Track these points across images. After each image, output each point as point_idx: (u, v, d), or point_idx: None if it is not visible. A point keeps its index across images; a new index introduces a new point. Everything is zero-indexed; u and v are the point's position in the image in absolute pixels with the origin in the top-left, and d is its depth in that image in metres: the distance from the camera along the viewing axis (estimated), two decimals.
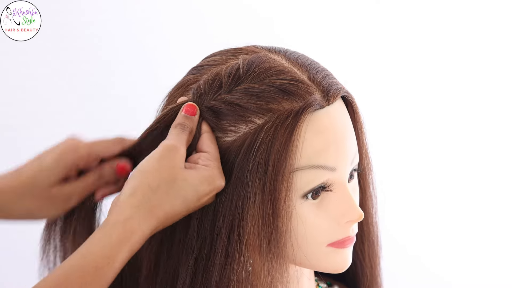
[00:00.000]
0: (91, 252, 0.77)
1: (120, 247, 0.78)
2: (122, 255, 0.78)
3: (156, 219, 0.80)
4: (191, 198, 0.82)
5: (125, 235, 0.78)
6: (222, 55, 0.90)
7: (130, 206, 0.79)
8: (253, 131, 0.83)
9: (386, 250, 1.05)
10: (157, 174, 0.81)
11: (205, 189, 0.82)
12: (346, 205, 0.86)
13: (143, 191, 0.80)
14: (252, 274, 0.85)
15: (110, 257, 0.77)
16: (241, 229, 0.83)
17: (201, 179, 0.82)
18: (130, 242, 0.78)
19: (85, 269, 0.76)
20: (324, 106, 0.85)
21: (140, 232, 0.79)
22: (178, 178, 0.81)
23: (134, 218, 0.79)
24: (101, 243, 0.78)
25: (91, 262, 0.77)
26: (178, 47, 1.51)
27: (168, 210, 0.81)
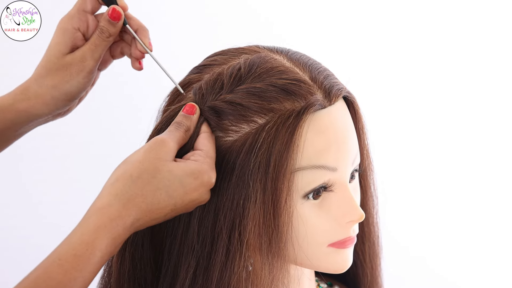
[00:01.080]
0: (70, 241, 0.76)
1: (98, 233, 0.76)
2: (100, 241, 0.76)
3: (137, 209, 0.78)
4: (176, 191, 0.80)
5: (103, 221, 0.77)
6: (224, 55, 0.91)
7: (109, 194, 0.79)
8: (255, 131, 0.83)
9: (386, 251, 1.05)
10: (139, 165, 0.80)
11: (191, 183, 0.81)
12: (347, 205, 0.86)
13: (124, 180, 0.79)
14: (252, 274, 0.85)
15: (89, 243, 0.75)
16: (242, 228, 0.83)
17: (187, 171, 0.81)
18: (108, 229, 0.77)
19: (63, 257, 0.75)
20: (325, 106, 0.85)
21: (120, 220, 0.77)
22: (162, 169, 0.80)
23: (112, 205, 0.78)
24: (80, 230, 0.77)
25: (70, 250, 0.75)
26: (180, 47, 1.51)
27: (150, 201, 0.79)
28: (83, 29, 0.93)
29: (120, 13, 0.91)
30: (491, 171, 1.66)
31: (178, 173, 0.80)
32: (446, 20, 1.62)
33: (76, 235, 0.76)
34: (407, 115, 1.65)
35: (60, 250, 0.76)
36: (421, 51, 1.63)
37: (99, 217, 0.77)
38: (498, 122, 1.65)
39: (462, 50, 1.63)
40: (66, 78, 0.91)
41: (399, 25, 1.62)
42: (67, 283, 0.74)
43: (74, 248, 0.75)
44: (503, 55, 1.63)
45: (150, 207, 0.79)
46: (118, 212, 0.78)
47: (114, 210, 0.78)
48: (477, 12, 1.62)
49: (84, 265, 0.75)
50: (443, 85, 1.64)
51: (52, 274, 0.74)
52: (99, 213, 0.77)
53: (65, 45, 0.92)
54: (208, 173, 0.82)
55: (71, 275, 0.75)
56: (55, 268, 0.74)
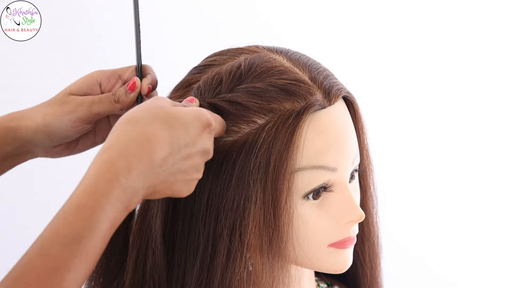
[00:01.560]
0: (73, 194, 0.72)
1: (98, 178, 0.72)
2: (103, 187, 0.71)
3: (140, 147, 0.74)
4: (180, 131, 0.76)
5: (104, 166, 0.72)
6: (223, 55, 0.91)
7: (108, 139, 0.75)
8: (254, 131, 0.83)
9: (386, 251, 1.05)
10: (137, 112, 0.77)
11: (192, 123, 0.78)
12: (347, 205, 0.86)
13: (123, 125, 0.76)
14: (253, 275, 0.85)
15: (90, 191, 0.71)
16: (242, 229, 0.83)
17: (187, 112, 0.78)
18: (111, 172, 0.72)
19: (67, 210, 0.71)
20: (325, 107, 0.85)
21: (123, 161, 0.73)
22: (162, 112, 0.77)
23: (112, 146, 0.74)
24: (82, 180, 0.73)
25: (73, 201, 0.71)
26: (180, 47, 1.51)
27: (151, 138, 0.74)
28: (105, 87, 0.92)
29: (136, 87, 0.90)
30: (491, 171, 1.67)
31: (180, 113, 0.77)
32: (445, 19, 1.62)
33: (78, 186, 0.73)
34: (407, 115, 1.65)
35: (64, 205, 0.72)
36: (421, 51, 1.63)
37: (100, 161, 0.73)
38: (497, 122, 1.65)
39: (462, 49, 1.63)
40: (57, 112, 0.91)
41: (398, 25, 1.62)
42: (74, 235, 0.70)
43: (76, 198, 0.71)
44: (503, 55, 1.63)
45: (154, 148, 0.75)
46: (119, 152, 0.73)
47: (114, 152, 0.74)
48: (477, 12, 1.62)
49: (88, 213, 0.71)
50: (442, 85, 1.64)
51: (58, 230, 0.70)
52: (99, 158, 0.73)
53: (78, 88, 0.92)
54: (206, 113, 0.79)
55: (77, 225, 0.70)
56: (60, 223, 0.70)
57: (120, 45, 1.47)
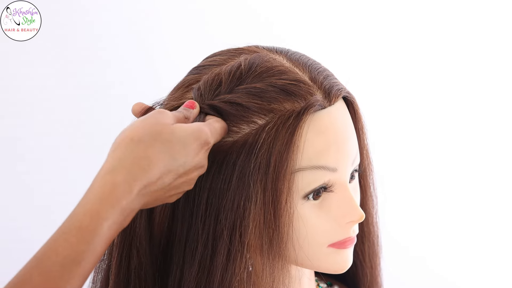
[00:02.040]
0: (74, 213, 0.73)
1: (102, 201, 0.73)
2: (106, 210, 0.72)
3: (143, 172, 0.75)
4: (179, 152, 0.77)
5: (107, 188, 0.74)
6: (223, 55, 0.91)
7: (112, 159, 0.75)
8: (255, 131, 0.83)
9: (386, 250, 1.05)
10: (140, 129, 0.77)
11: (192, 143, 0.78)
12: (347, 205, 0.86)
13: (126, 145, 0.76)
14: (253, 275, 0.85)
15: (93, 213, 0.72)
16: (242, 229, 0.83)
17: (188, 131, 0.79)
18: (114, 196, 0.73)
19: (68, 230, 0.72)
20: (325, 107, 0.85)
21: (125, 185, 0.74)
22: (164, 131, 0.78)
23: (116, 170, 0.74)
24: (84, 201, 0.73)
25: (74, 222, 0.72)
26: (179, 47, 1.51)
27: (154, 162, 0.75)
28: None
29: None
30: (490, 171, 1.66)
31: (181, 134, 0.78)
32: (445, 20, 1.62)
33: (80, 206, 0.73)
34: (407, 115, 1.65)
35: (65, 224, 0.73)
36: (421, 51, 1.63)
37: (103, 184, 0.74)
38: (497, 122, 1.65)
39: (462, 50, 1.63)
40: None
41: (398, 25, 1.62)
42: (75, 257, 0.71)
43: (78, 220, 0.72)
44: (503, 55, 1.63)
45: (155, 172, 0.76)
46: (123, 176, 0.74)
47: (118, 174, 0.74)
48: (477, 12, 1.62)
49: (90, 237, 0.72)
50: (442, 85, 1.64)
51: (58, 250, 0.71)
52: (102, 180, 0.74)
53: None
54: (205, 132, 0.80)
55: (78, 248, 0.71)
56: (61, 243, 0.71)
57: (120, 45, 1.48)
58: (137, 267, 0.87)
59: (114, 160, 0.75)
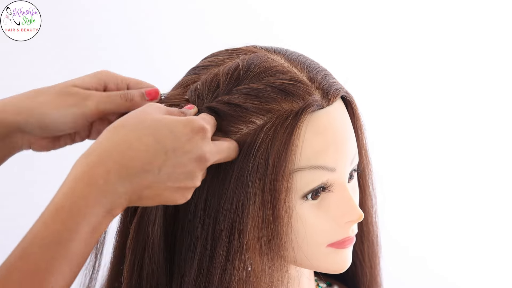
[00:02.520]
0: (52, 199, 0.73)
1: (76, 181, 0.73)
2: (81, 189, 0.72)
3: (121, 155, 0.74)
4: (165, 136, 0.76)
5: (82, 168, 0.73)
6: (221, 55, 0.90)
7: (93, 144, 0.75)
8: (253, 131, 0.82)
9: (385, 250, 1.05)
10: (123, 118, 0.77)
11: (181, 130, 0.77)
12: (346, 205, 0.86)
13: (107, 132, 0.76)
14: (253, 275, 0.85)
15: (68, 193, 0.72)
16: (241, 230, 0.83)
17: (177, 120, 0.77)
18: (89, 175, 0.73)
19: (46, 214, 0.72)
20: (323, 107, 0.85)
21: (102, 166, 0.73)
22: (149, 118, 0.77)
23: (94, 152, 0.74)
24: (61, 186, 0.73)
25: (51, 204, 0.72)
26: (179, 47, 1.51)
27: (136, 146, 0.74)
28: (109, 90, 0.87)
29: (156, 98, 0.86)
30: (489, 170, 1.67)
31: (167, 120, 0.77)
32: (443, 19, 1.62)
33: (58, 190, 0.73)
34: (405, 115, 1.65)
35: (45, 209, 0.73)
36: (419, 50, 1.63)
37: (78, 165, 0.73)
38: (496, 121, 1.65)
39: (460, 48, 1.63)
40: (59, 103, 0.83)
41: (396, 24, 1.62)
42: (52, 238, 0.71)
43: (55, 201, 0.72)
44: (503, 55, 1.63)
45: (137, 154, 0.75)
46: (99, 158, 0.74)
47: (94, 157, 0.74)
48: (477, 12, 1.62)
49: (65, 216, 0.71)
50: (441, 85, 1.64)
51: (37, 233, 0.71)
52: (78, 162, 0.74)
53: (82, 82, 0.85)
54: (198, 120, 0.78)
55: (54, 228, 0.71)
56: (39, 226, 0.71)
57: (120, 45, 1.48)
58: (149, 274, 0.86)
59: (94, 145, 0.75)
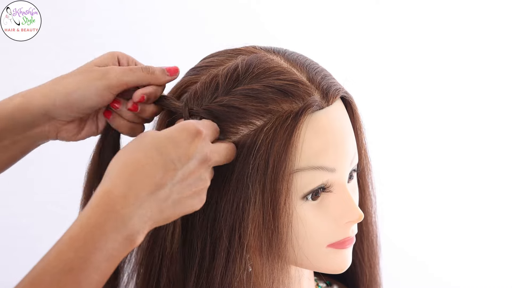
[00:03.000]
0: (69, 227, 0.74)
1: (92, 208, 0.74)
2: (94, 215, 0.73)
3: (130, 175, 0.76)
4: (165, 146, 0.77)
5: (97, 196, 0.75)
6: (220, 56, 0.90)
7: (104, 175, 0.77)
8: (253, 132, 0.82)
9: (385, 250, 1.05)
10: (125, 145, 0.79)
11: (179, 137, 0.78)
12: (346, 205, 0.86)
13: (114, 158, 0.77)
14: (253, 276, 0.85)
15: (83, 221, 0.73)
16: (242, 231, 0.83)
17: (171, 129, 0.79)
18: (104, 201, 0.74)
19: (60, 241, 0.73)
20: (323, 107, 0.85)
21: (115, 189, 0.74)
22: (147, 135, 0.79)
23: (107, 179, 0.76)
24: (79, 214, 0.75)
25: (67, 232, 0.73)
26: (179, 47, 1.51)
27: (145, 163, 0.76)
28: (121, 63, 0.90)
29: (176, 73, 0.88)
30: (488, 171, 1.67)
31: (164, 132, 0.79)
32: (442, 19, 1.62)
33: (76, 218, 0.75)
34: (405, 114, 1.65)
35: (61, 237, 0.74)
36: (418, 50, 1.63)
37: (97, 195, 0.75)
38: (495, 121, 1.65)
39: (459, 49, 1.63)
40: (84, 79, 0.85)
41: (395, 24, 1.62)
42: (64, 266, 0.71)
43: (71, 229, 0.73)
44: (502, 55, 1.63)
45: (147, 171, 0.76)
46: (113, 183, 0.75)
47: (107, 182, 0.75)
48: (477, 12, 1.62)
49: (79, 245, 0.72)
50: (440, 85, 1.64)
51: (50, 259, 0.72)
52: (97, 192, 0.75)
53: (101, 61, 0.88)
54: (192, 123, 0.79)
55: (66, 257, 0.72)
56: (52, 253, 0.72)
57: (120, 45, 1.47)
58: (166, 285, 0.86)
59: (106, 173, 0.77)
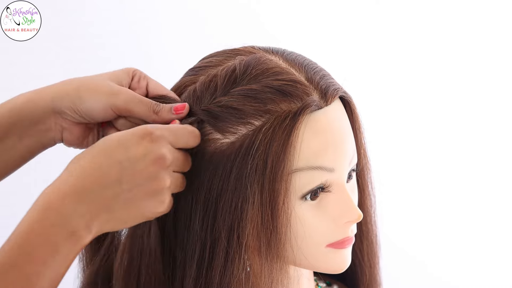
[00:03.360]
0: None
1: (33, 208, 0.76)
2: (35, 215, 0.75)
3: (76, 179, 0.76)
4: (116, 151, 0.77)
5: (40, 198, 0.76)
6: (219, 56, 0.90)
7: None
8: (251, 133, 0.82)
9: (385, 249, 1.05)
10: None
11: (129, 139, 0.78)
12: (345, 205, 0.86)
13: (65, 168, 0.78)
14: (252, 276, 0.85)
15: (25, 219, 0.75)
16: (240, 231, 0.83)
17: (125, 131, 0.79)
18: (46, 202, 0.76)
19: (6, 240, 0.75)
20: (322, 107, 0.85)
21: (56, 190, 0.76)
22: (100, 140, 0.79)
23: (52, 184, 0.77)
24: None
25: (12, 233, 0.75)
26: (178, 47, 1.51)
27: (90, 168, 0.77)
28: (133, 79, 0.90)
29: (183, 112, 0.86)
30: (488, 170, 1.66)
31: (116, 135, 0.79)
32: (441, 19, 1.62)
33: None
34: (404, 114, 1.65)
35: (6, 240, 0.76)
36: (418, 50, 1.63)
37: (39, 196, 0.77)
38: (495, 121, 1.65)
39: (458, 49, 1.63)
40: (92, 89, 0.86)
41: (394, 24, 1.62)
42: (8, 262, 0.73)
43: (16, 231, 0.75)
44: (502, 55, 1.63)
45: (91, 173, 0.77)
46: (56, 187, 0.77)
47: (52, 186, 0.77)
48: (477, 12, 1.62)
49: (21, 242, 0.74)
50: (439, 84, 1.64)
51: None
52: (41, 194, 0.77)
53: (116, 77, 0.88)
54: (144, 126, 0.79)
55: (11, 254, 0.74)
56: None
57: (120, 45, 1.48)
58: (146, 283, 0.86)
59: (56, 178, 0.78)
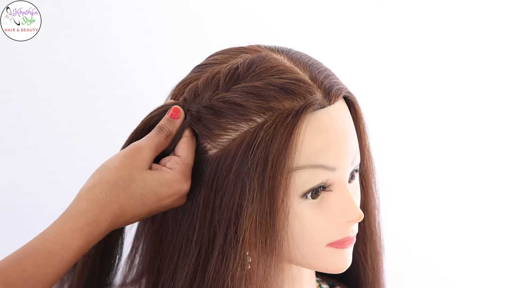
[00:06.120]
0: (46, 238, 0.81)
1: (74, 236, 0.81)
2: (76, 243, 0.81)
3: (112, 215, 0.83)
4: (150, 199, 0.84)
5: (80, 225, 0.81)
6: (224, 54, 0.91)
7: (87, 199, 0.83)
8: (253, 129, 0.83)
9: (388, 251, 1.05)
10: (116, 172, 0.84)
11: (164, 192, 0.84)
12: (346, 205, 0.86)
13: (101, 187, 0.83)
14: (248, 272, 0.85)
15: (64, 244, 0.80)
16: (238, 226, 0.83)
17: (161, 181, 0.84)
18: (84, 232, 0.81)
19: (39, 251, 0.80)
20: (325, 106, 0.85)
21: (95, 225, 0.82)
22: (138, 178, 0.84)
23: (90, 211, 0.82)
24: (56, 231, 0.81)
25: (46, 247, 0.80)
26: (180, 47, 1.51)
27: (125, 208, 0.83)
28: None
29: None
30: (493, 171, 1.66)
31: (153, 183, 0.84)
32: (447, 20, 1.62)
33: (52, 234, 0.81)
34: (409, 115, 1.64)
35: (36, 245, 0.80)
36: (421, 50, 1.62)
37: (77, 222, 0.82)
38: (499, 122, 1.65)
39: (463, 50, 1.63)
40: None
41: (400, 25, 1.62)
42: (38, 277, 0.79)
43: (49, 246, 0.80)
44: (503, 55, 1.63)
45: (125, 213, 0.84)
46: (95, 217, 0.82)
47: (91, 215, 0.82)
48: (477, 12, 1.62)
49: (57, 263, 0.80)
50: (444, 85, 1.64)
51: (26, 267, 0.79)
52: (76, 218, 0.82)
53: None
54: (180, 183, 0.85)
55: (44, 270, 0.80)
56: (29, 262, 0.79)
57: (121, 45, 1.47)
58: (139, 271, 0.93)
59: (89, 201, 0.83)
